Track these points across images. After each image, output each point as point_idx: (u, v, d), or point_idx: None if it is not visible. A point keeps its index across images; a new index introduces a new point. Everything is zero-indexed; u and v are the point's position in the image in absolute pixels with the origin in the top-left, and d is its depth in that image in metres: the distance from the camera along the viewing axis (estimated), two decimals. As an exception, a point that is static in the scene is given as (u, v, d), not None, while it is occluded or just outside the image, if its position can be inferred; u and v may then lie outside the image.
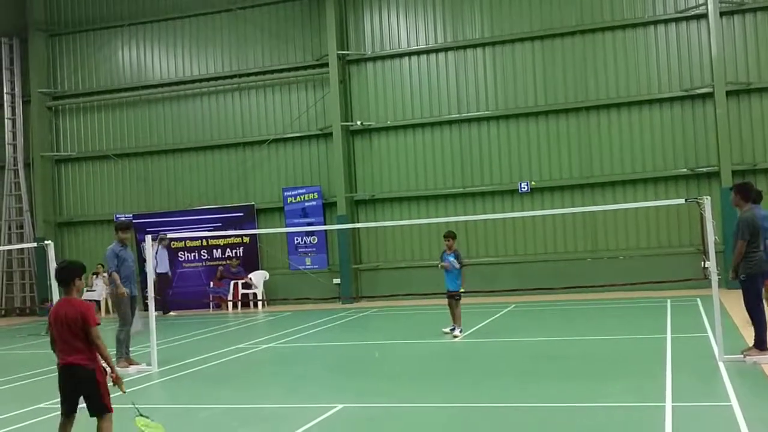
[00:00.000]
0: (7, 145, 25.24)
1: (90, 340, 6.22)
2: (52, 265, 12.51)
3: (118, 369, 11.41)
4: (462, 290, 13.32)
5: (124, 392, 6.48)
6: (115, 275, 11.84)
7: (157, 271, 19.46)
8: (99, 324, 6.35)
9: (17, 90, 25.42)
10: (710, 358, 9.81)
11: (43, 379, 11.63)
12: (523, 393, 8.70)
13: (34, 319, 20.45)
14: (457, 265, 13.10)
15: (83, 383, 6.29)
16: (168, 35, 24.22)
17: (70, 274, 6.41)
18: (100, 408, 6.35)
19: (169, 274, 22.07)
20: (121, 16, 24.57)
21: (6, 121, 25.23)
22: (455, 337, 13.08)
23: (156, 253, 19.62)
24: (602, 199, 20.24)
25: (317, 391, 9.50)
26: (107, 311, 21.36)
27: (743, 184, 10.27)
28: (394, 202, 22.12)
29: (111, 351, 11.68)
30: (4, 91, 25.29)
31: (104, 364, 6.34)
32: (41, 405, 9.26)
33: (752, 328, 9.76)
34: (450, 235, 13.25)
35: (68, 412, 6.46)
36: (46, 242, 12.78)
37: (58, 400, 6.54)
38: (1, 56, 25.30)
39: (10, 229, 25.35)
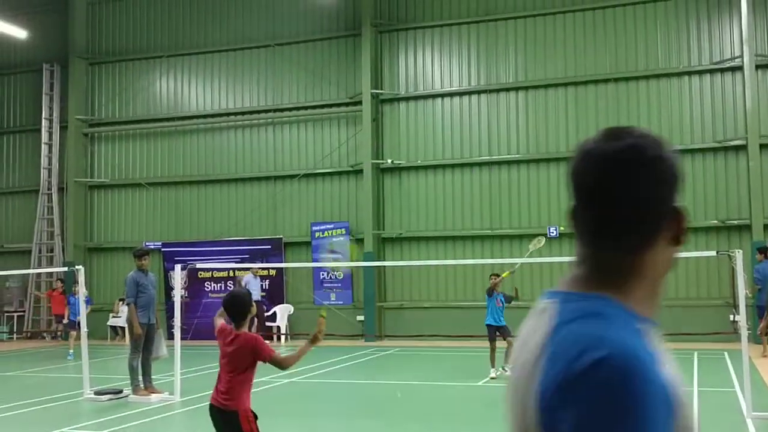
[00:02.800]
0: (42, 170, 25.66)
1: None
2: (82, 290, 12.69)
3: (137, 398, 11.56)
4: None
5: None
6: (132, 308, 11.93)
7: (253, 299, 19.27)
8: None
9: (56, 115, 25.90)
10: (738, 413, 9.66)
11: (66, 403, 11.71)
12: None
13: (60, 343, 20.62)
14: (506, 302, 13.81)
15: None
16: (205, 68, 24.63)
17: (247, 306, 5.72)
18: None
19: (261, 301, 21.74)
20: (161, 48, 25.05)
21: (43, 146, 25.68)
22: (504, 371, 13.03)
23: (246, 284, 19.98)
24: (631, 248, 20.05)
25: (338, 430, 9.45)
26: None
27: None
28: (421, 242, 22.13)
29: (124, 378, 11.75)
30: (43, 116, 25.79)
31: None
32: (64, 430, 9.32)
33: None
34: (495, 274, 14.15)
35: None
36: (76, 267, 12.94)
37: (83, 424, 6.56)
38: (42, 82, 25.85)
39: (40, 252, 25.67)
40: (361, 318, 21.94)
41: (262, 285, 22.94)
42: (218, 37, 24.39)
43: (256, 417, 5.54)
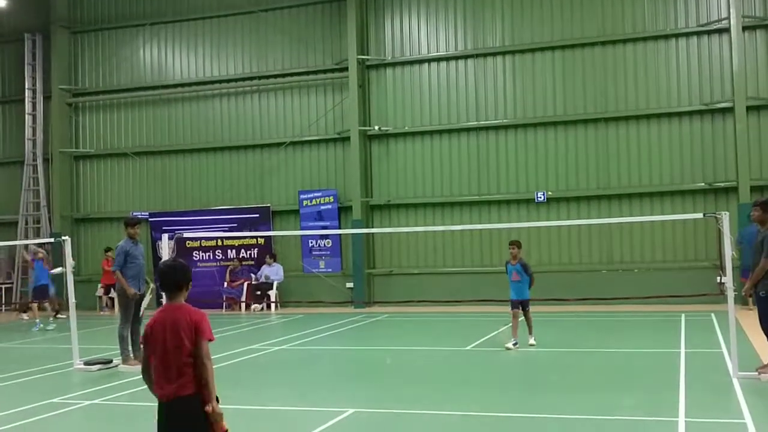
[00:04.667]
0: (26, 141, 25.43)
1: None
2: (69, 261, 12.61)
3: (127, 367, 11.56)
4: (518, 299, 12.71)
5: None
6: (119, 274, 11.90)
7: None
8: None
9: (38, 86, 25.60)
10: (724, 374, 9.74)
11: (56, 374, 11.71)
12: (534, 403, 8.67)
13: (46, 315, 20.56)
14: (525, 276, 12.70)
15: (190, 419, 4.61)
16: (189, 36, 24.35)
17: (187, 276, 4.83)
18: None
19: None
20: (143, 15, 24.73)
21: (26, 116, 25.42)
22: (515, 346, 12.44)
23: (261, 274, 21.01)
24: (618, 211, 20.16)
25: (328, 395, 9.49)
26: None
27: None
28: (409, 208, 22.11)
29: (116, 349, 11.76)
30: (26, 86, 25.49)
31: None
32: (54, 400, 9.32)
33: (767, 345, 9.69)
34: (515, 244, 12.77)
35: None
36: (63, 238, 12.86)
37: (73, 394, 6.54)
38: (24, 52, 25.51)
39: (27, 223, 25.53)
40: (350, 285, 21.98)
41: (249, 254, 23.01)
42: (202, 3, 24.09)
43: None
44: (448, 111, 21.80)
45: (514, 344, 12.45)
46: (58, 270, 13.69)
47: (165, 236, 12.33)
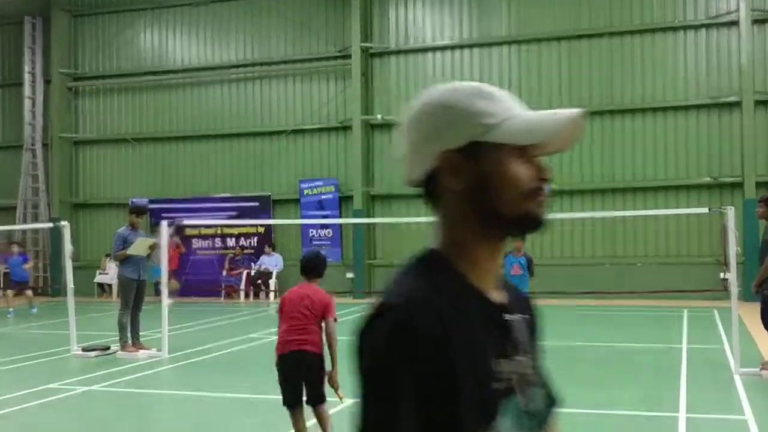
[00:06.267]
0: (26, 125, 25.26)
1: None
2: (67, 246, 12.51)
3: (125, 354, 11.48)
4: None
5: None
6: (119, 258, 11.81)
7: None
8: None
9: (38, 69, 25.44)
10: (726, 370, 9.67)
11: (54, 359, 11.64)
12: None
13: (45, 300, 20.50)
14: (527, 271, 12.02)
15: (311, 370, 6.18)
16: (191, 21, 24.17)
17: (322, 267, 6.44)
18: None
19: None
20: (145, 0, 24.55)
21: (26, 100, 25.25)
22: None
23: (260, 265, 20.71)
24: (623, 205, 20.03)
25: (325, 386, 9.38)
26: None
27: None
28: (411, 199, 21.96)
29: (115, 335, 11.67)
30: (26, 70, 25.31)
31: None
32: (51, 385, 9.25)
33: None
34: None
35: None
36: (62, 223, 12.75)
37: (71, 380, 6.46)
38: (24, 35, 25.33)
39: (25, 208, 25.39)
40: (350, 275, 21.87)
41: (249, 242, 22.90)
42: (204, -12, 23.91)
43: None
44: (451, 101, 21.61)
45: None
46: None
47: (164, 223, 12.22)
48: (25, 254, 20.40)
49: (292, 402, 6.14)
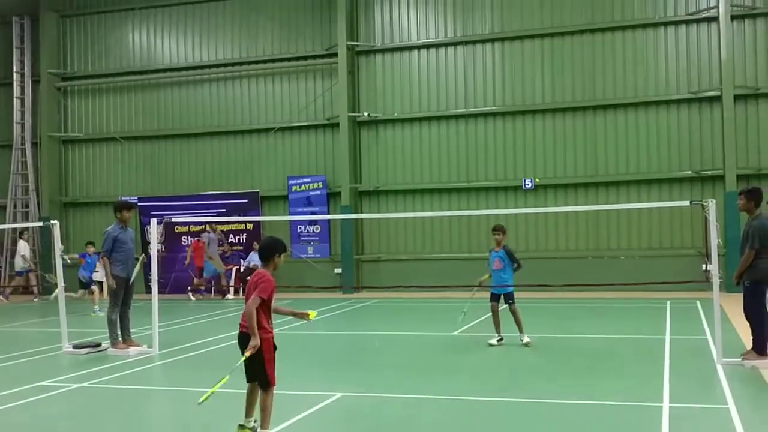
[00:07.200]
0: (15, 124, 25.30)
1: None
2: (57, 245, 12.58)
3: (115, 351, 11.59)
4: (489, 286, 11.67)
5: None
6: (106, 260, 11.80)
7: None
8: (264, 299, 6.38)
9: (27, 69, 25.47)
10: (709, 360, 9.85)
11: (45, 357, 11.72)
12: (520, 388, 8.76)
13: (29, 298, 20.53)
14: (509, 263, 11.54)
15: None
16: (178, 20, 24.25)
17: (270, 250, 6.58)
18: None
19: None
20: (133, 0, 24.59)
21: (15, 100, 25.30)
22: (527, 344, 11.50)
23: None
24: (606, 199, 20.27)
25: (316, 379, 9.56)
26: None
27: (755, 189, 9.88)
28: (398, 195, 22.16)
29: (104, 333, 11.78)
30: (14, 70, 25.35)
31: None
32: (43, 383, 9.35)
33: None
34: (499, 229, 11.58)
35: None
36: (51, 222, 12.83)
37: (63, 377, 6.58)
38: (12, 35, 25.35)
39: (15, 207, 25.44)
40: (338, 271, 22.04)
41: (238, 239, 22.99)
42: (191, -12, 23.97)
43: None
44: (437, 98, 21.83)
45: (498, 340, 11.65)
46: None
47: (153, 221, 12.30)
48: (98, 254, 20.43)
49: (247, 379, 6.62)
